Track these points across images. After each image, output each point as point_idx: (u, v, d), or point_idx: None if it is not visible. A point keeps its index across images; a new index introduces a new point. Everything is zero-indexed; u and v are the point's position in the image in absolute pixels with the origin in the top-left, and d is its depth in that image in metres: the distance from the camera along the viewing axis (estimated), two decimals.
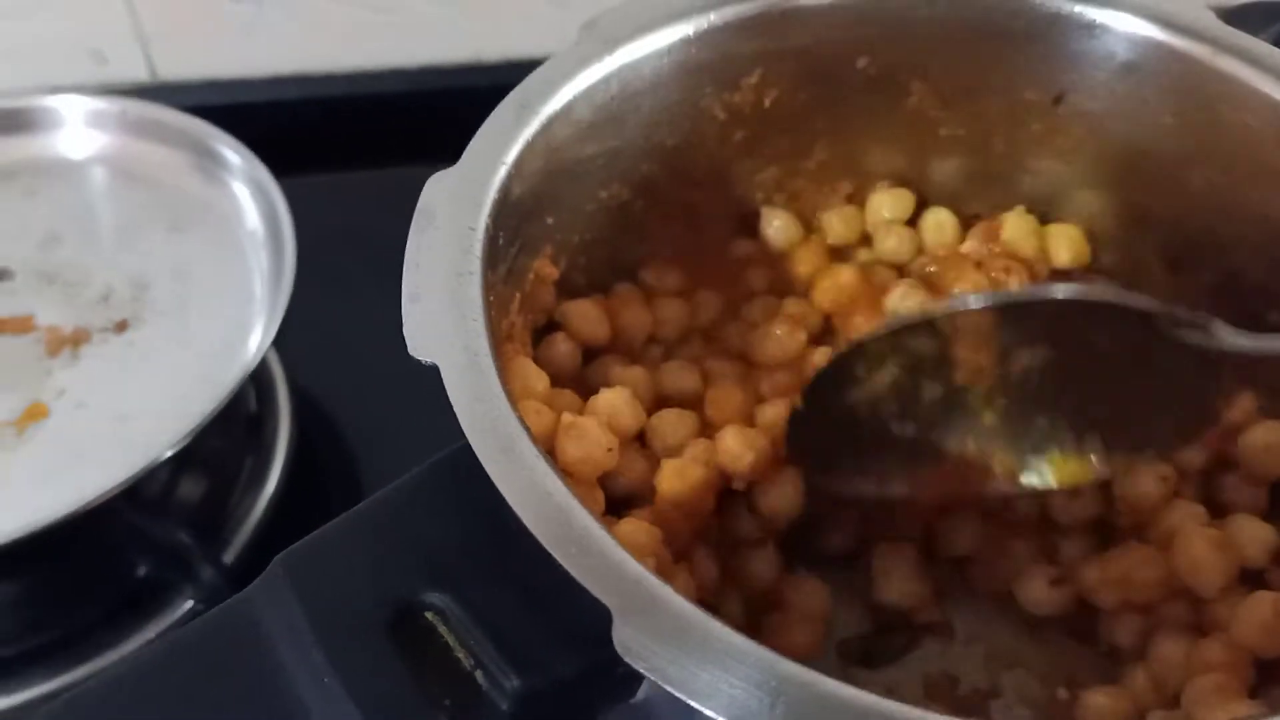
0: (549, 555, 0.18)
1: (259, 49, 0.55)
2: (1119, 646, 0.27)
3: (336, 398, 0.44)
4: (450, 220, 0.23)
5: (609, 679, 0.19)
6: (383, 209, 0.33)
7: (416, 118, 0.57)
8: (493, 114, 0.25)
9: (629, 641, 0.17)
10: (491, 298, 0.23)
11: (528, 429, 0.19)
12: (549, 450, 0.26)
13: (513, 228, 0.25)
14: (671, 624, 0.17)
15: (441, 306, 0.21)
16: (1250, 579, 0.26)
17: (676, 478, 0.25)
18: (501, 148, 0.25)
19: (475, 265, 0.22)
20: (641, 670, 0.16)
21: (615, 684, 0.19)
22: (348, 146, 0.56)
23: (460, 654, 0.18)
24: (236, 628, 0.19)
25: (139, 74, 0.55)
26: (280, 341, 0.41)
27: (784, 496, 0.26)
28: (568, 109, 0.26)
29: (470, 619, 0.19)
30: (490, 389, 0.20)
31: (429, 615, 0.19)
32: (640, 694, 0.20)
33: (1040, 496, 0.27)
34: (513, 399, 0.20)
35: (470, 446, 0.19)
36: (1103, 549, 0.27)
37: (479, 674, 0.18)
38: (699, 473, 0.26)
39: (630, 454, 0.26)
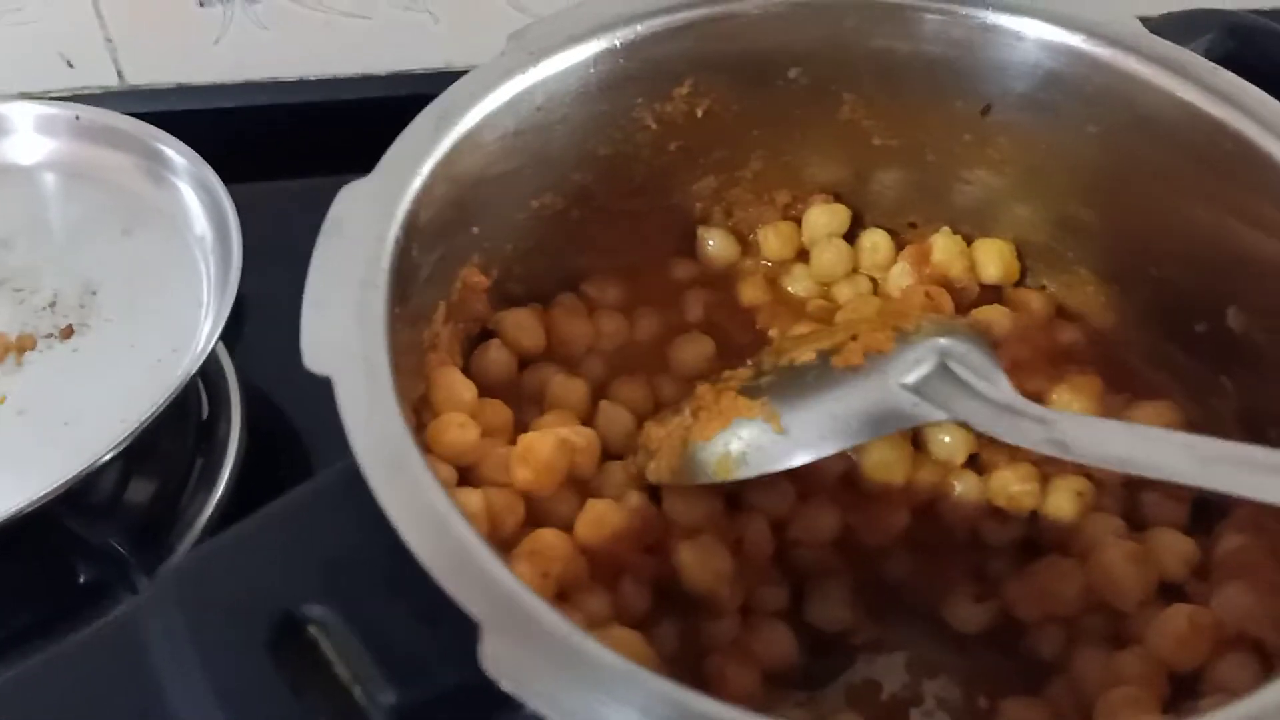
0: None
1: (228, 55, 0.55)
2: (1041, 659, 0.26)
3: (290, 403, 0.44)
4: (360, 230, 0.23)
5: (492, 696, 0.19)
6: None
7: (385, 124, 0.57)
8: (411, 125, 0.25)
9: (498, 656, 0.17)
10: (399, 309, 0.23)
11: (420, 443, 0.19)
12: (469, 464, 0.26)
13: (430, 238, 0.25)
14: (545, 641, 0.17)
15: (343, 318, 0.21)
16: (1172, 593, 0.25)
17: (594, 525, 0.25)
18: (418, 159, 0.25)
19: (381, 278, 0.22)
20: (505, 687, 0.16)
21: (499, 701, 0.19)
22: (316, 153, 0.56)
23: (340, 669, 0.18)
24: (120, 641, 0.19)
25: (107, 79, 0.55)
26: (233, 346, 0.41)
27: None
28: (488, 121, 0.26)
29: (352, 633, 0.19)
30: (384, 403, 0.20)
31: (312, 629, 0.19)
32: (529, 710, 0.20)
33: (971, 521, 0.27)
34: (418, 405, 0.20)
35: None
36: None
37: (357, 689, 0.18)
38: (620, 521, 0.25)
39: (562, 491, 0.26)
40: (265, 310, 0.41)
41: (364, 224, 0.23)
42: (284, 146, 0.54)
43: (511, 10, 0.56)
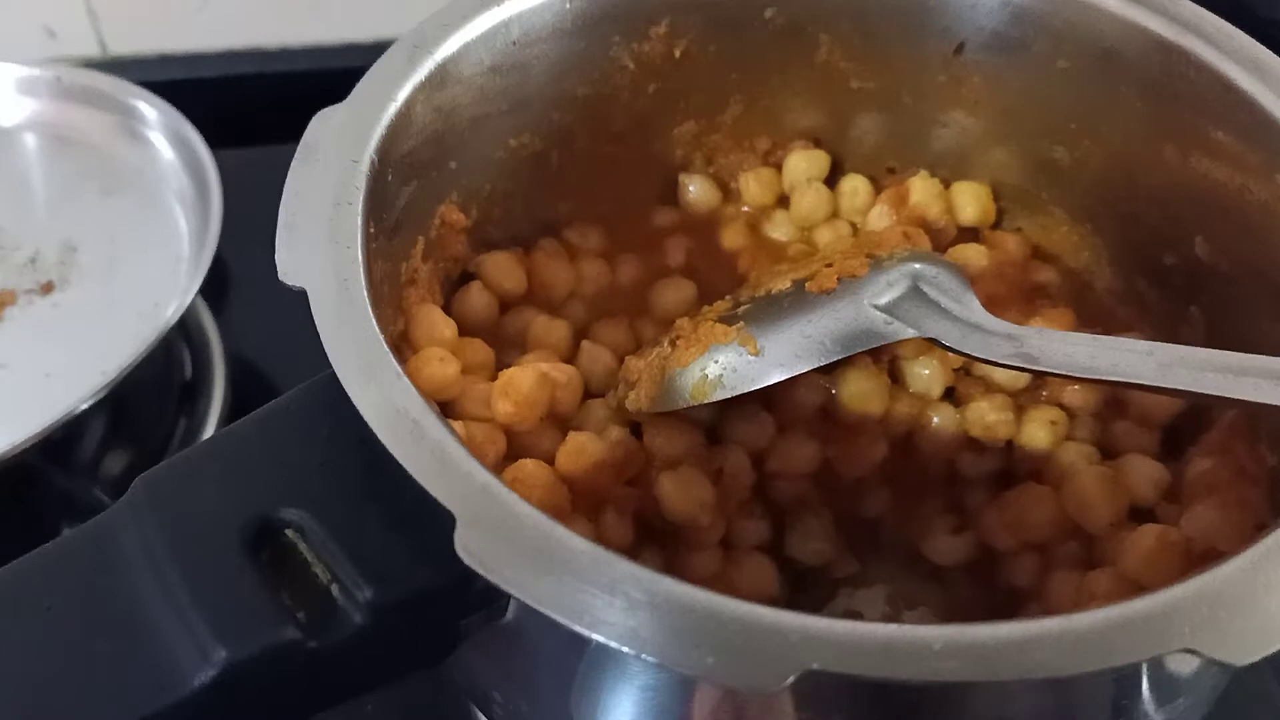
0: (408, 473, 0.18)
1: (211, 24, 0.55)
2: (1017, 587, 0.27)
3: (274, 367, 0.44)
4: (334, 153, 0.23)
5: (469, 595, 0.19)
6: None
7: None
8: (384, 55, 0.25)
9: (471, 546, 0.17)
10: (373, 229, 0.23)
11: (392, 352, 0.19)
12: (449, 399, 0.26)
13: (407, 168, 0.25)
14: (518, 530, 0.17)
15: (317, 234, 0.21)
16: (1143, 517, 0.26)
17: (575, 455, 0.25)
18: (391, 87, 0.25)
19: (355, 197, 0.22)
20: (483, 574, 0.16)
21: (479, 601, 0.19)
22: (301, 120, 0.56)
23: (318, 569, 0.18)
24: (93, 548, 0.19)
25: (89, 49, 0.55)
26: (220, 312, 0.41)
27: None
28: (463, 52, 0.26)
29: (329, 535, 0.19)
30: (358, 313, 0.20)
31: (289, 533, 0.19)
32: (510, 613, 0.20)
33: (948, 453, 0.28)
34: (399, 341, 0.20)
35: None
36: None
37: (334, 588, 0.18)
38: (600, 452, 0.25)
39: (543, 426, 0.26)
40: (250, 279, 0.41)
41: (338, 148, 0.23)
42: (267, 114, 0.54)
43: None
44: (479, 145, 0.28)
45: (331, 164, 0.23)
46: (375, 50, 0.66)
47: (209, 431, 0.40)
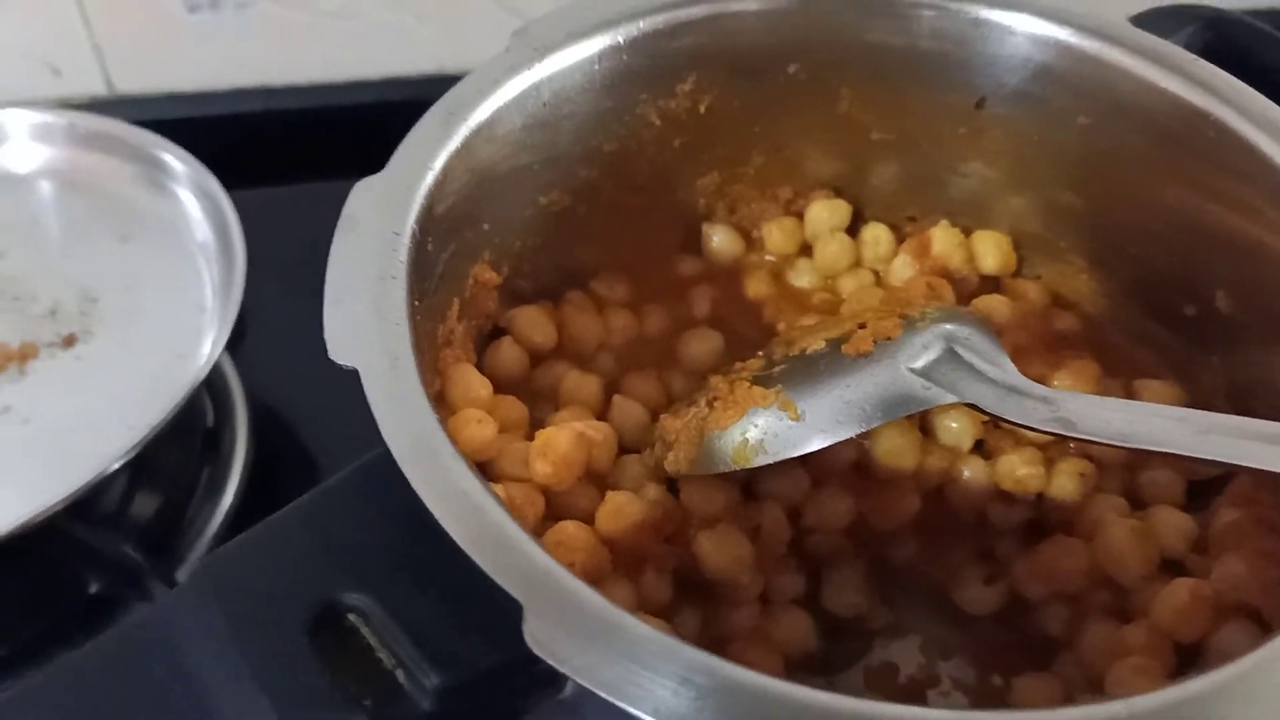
0: (467, 554, 0.18)
1: (217, 61, 0.55)
2: (1050, 635, 0.27)
3: (295, 410, 0.44)
4: (375, 226, 0.23)
5: (531, 675, 0.19)
6: None
7: (378, 129, 0.57)
8: (419, 122, 0.26)
9: (540, 635, 0.17)
10: (418, 302, 0.23)
11: (447, 430, 0.20)
12: (487, 460, 0.26)
13: (444, 233, 0.26)
14: (583, 618, 0.17)
15: (364, 310, 0.22)
16: (1172, 567, 0.26)
17: (614, 516, 0.25)
18: (428, 154, 0.25)
19: (400, 270, 0.23)
20: (552, 663, 0.17)
21: (540, 680, 0.19)
22: (309, 159, 0.56)
23: (381, 654, 0.19)
24: (156, 633, 0.19)
25: (95, 87, 0.55)
26: (238, 354, 0.41)
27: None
28: (497, 116, 0.27)
29: (391, 619, 0.19)
30: (411, 391, 0.20)
31: (351, 617, 0.19)
32: (568, 690, 0.20)
33: (979, 504, 0.28)
34: (435, 402, 0.20)
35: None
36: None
37: (400, 673, 0.18)
38: (639, 512, 0.25)
39: (580, 484, 0.26)
40: (263, 317, 0.41)
41: (379, 219, 0.23)
42: (274, 153, 0.54)
43: (501, 12, 0.57)
44: (510, 204, 0.29)
45: (373, 236, 0.23)
46: (382, 87, 0.66)
47: (234, 479, 0.40)
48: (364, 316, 0.21)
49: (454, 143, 0.25)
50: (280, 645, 0.18)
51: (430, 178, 0.24)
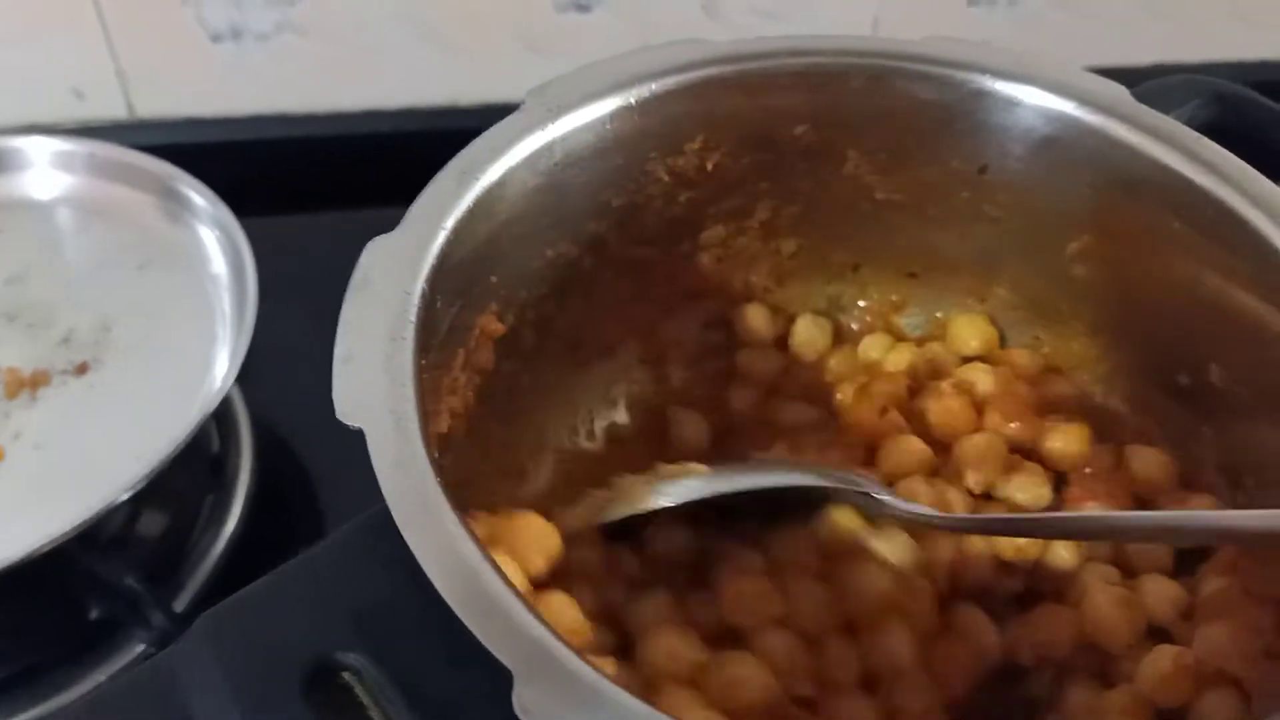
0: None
1: (238, 88, 0.56)
2: (1033, 697, 0.27)
3: (300, 438, 0.45)
4: (387, 284, 0.24)
5: None
6: (358, 250, 0.34)
7: (394, 159, 0.58)
8: (434, 180, 0.26)
9: (529, 704, 0.17)
10: (424, 360, 0.23)
11: (448, 496, 0.20)
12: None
13: (453, 290, 0.26)
14: (574, 688, 0.18)
15: (373, 370, 0.22)
16: (1160, 634, 0.27)
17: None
18: (441, 213, 0.26)
19: (409, 331, 0.23)
20: None
21: None
22: (326, 187, 0.57)
23: (374, 713, 0.19)
24: (156, 686, 0.19)
25: (117, 112, 0.56)
26: (244, 380, 0.42)
27: None
28: (510, 175, 0.27)
29: (386, 678, 0.19)
30: (414, 455, 0.21)
31: (346, 675, 0.19)
32: None
33: (979, 575, 0.28)
34: (435, 465, 0.21)
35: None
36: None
37: None
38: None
39: None
40: (269, 343, 0.42)
41: (391, 278, 0.24)
42: (292, 181, 0.55)
43: (520, 48, 0.58)
44: (518, 258, 0.29)
45: (384, 295, 0.24)
46: (398, 117, 0.67)
47: (237, 506, 0.40)
48: (372, 377, 0.22)
49: (465, 203, 0.26)
50: (276, 704, 0.19)
51: (442, 237, 0.25)
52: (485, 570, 0.19)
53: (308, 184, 0.56)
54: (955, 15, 0.58)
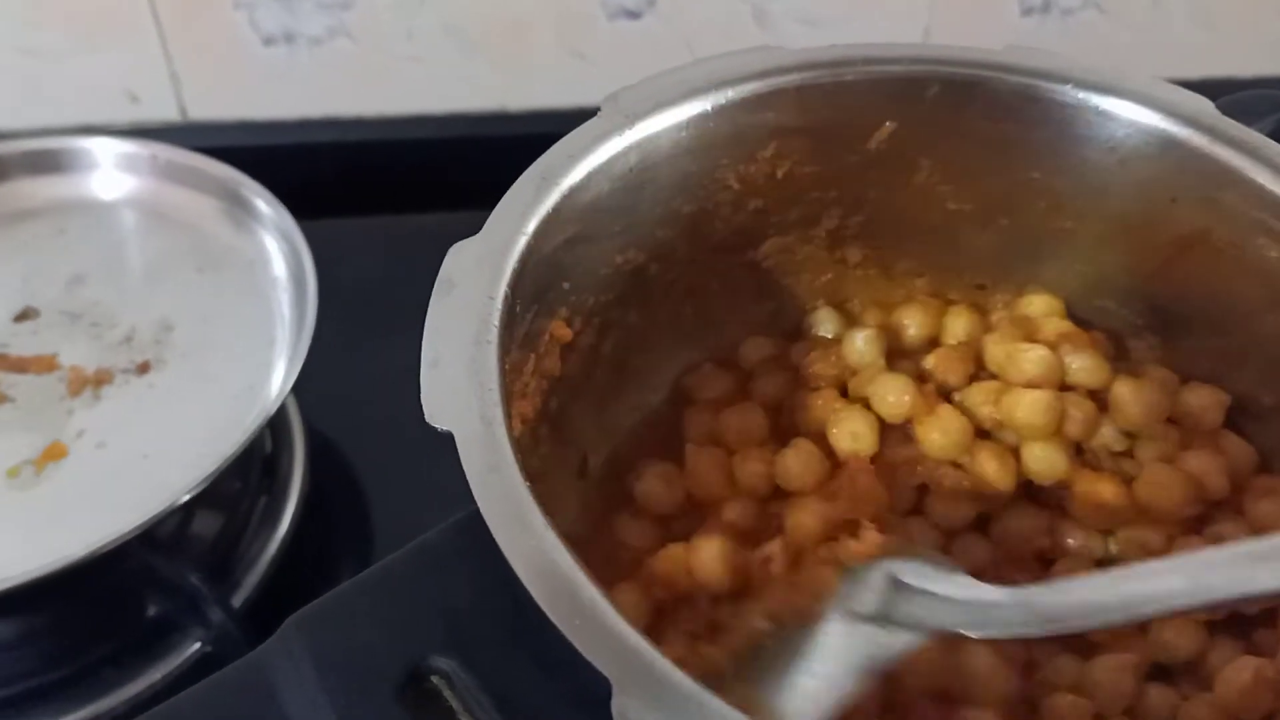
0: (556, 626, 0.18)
1: (289, 92, 0.57)
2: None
3: (351, 442, 0.45)
4: (470, 288, 0.24)
5: None
6: (407, 255, 0.34)
7: (441, 165, 0.58)
8: (514, 186, 0.26)
9: (628, 712, 0.17)
10: (507, 365, 0.23)
11: (539, 501, 0.20)
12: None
13: (530, 294, 0.26)
14: (673, 698, 0.17)
15: (459, 374, 0.22)
16: (1243, 633, 0.26)
17: None
18: (522, 218, 0.25)
19: (493, 334, 0.23)
20: None
21: None
22: (373, 191, 0.57)
23: (465, 718, 0.19)
24: (249, 685, 0.19)
25: (170, 114, 0.57)
26: (298, 384, 0.42)
27: None
28: (588, 180, 0.27)
29: (477, 683, 0.19)
30: (504, 459, 0.21)
31: (435, 679, 0.19)
32: None
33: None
34: (524, 470, 0.21)
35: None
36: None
37: None
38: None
39: None
40: (321, 345, 0.42)
41: (474, 282, 0.24)
42: (342, 184, 0.56)
43: (566, 55, 0.58)
44: (589, 264, 0.29)
45: (468, 299, 0.24)
46: (445, 123, 0.67)
47: (290, 507, 0.40)
48: (459, 381, 0.22)
49: (545, 207, 0.26)
50: (369, 706, 0.19)
51: (523, 242, 0.25)
52: (579, 578, 0.19)
53: (355, 189, 0.56)
54: (1008, 25, 0.57)
